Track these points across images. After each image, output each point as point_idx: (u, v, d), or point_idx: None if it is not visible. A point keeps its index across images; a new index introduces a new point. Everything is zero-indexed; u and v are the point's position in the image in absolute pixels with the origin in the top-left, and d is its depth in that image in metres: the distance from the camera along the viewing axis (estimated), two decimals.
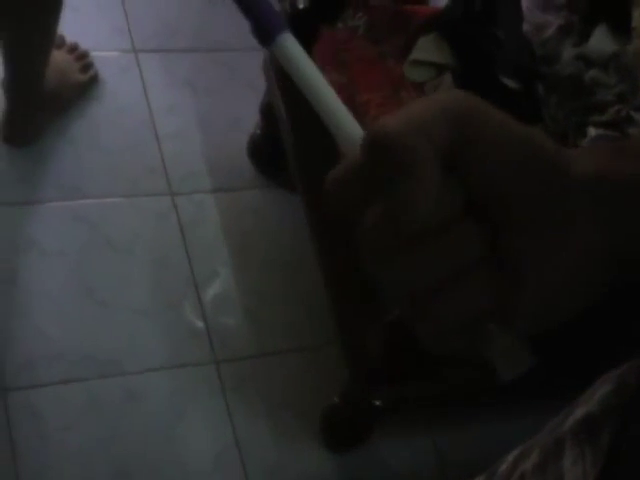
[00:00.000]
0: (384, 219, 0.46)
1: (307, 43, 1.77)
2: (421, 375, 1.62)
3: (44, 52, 1.86)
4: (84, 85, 2.05)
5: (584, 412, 0.71)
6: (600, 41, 1.52)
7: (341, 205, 0.48)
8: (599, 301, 0.51)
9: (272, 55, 1.81)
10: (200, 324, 1.81)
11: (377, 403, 1.60)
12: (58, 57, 1.99)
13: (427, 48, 1.67)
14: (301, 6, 1.78)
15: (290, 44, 0.50)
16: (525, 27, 1.62)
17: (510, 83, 1.58)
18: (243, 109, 2.07)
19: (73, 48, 2.07)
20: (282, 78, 1.84)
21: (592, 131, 1.46)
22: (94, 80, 2.07)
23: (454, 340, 0.49)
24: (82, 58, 2.07)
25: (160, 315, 1.80)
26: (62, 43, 2.05)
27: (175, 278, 1.86)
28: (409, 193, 0.45)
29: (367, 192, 0.47)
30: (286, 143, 1.82)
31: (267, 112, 1.93)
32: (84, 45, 2.07)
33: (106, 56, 2.12)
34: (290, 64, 0.50)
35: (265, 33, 0.50)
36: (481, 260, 0.47)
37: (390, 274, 0.47)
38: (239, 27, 2.24)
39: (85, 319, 1.76)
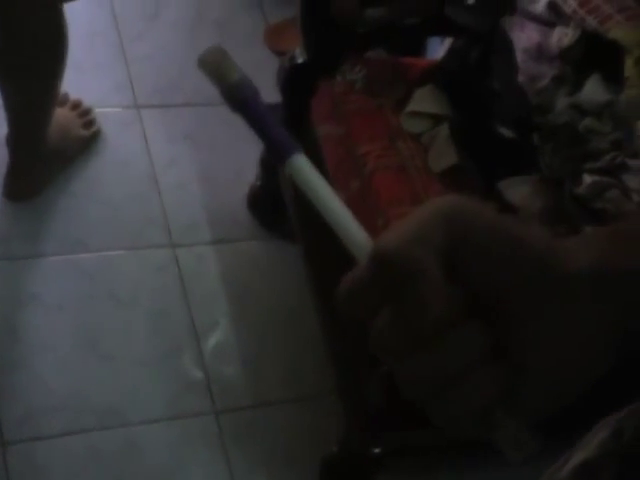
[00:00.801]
0: (397, 324, 0.49)
1: (306, 97, 1.80)
2: (420, 423, 1.62)
3: (47, 109, 1.89)
4: (87, 140, 2.08)
5: (583, 458, 0.71)
6: (593, 90, 1.54)
7: (353, 311, 0.50)
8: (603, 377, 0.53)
9: (271, 109, 1.82)
10: (200, 374, 1.81)
11: (376, 451, 1.59)
12: (61, 114, 2.02)
13: (424, 99, 1.70)
14: (299, 60, 1.80)
15: (302, 164, 0.54)
16: (520, 78, 1.65)
17: (506, 133, 1.60)
18: (243, 162, 2.09)
19: (76, 105, 2.10)
20: None
21: (587, 178, 1.48)
22: (97, 135, 2.10)
23: (465, 425, 0.51)
24: (85, 114, 2.10)
25: (161, 366, 1.81)
26: (66, 100, 2.09)
27: (176, 329, 1.86)
28: (420, 298, 0.48)
29: (377, 300, 0.49)
30: (286, 195, 1.83)
31: (267, 164, 1.96)
32: (87, 102, 2.10)
33: (109, 112, 2.15)
34: (303, 182, 0.54)
35: (279, 154, 0.54)
36: (487, 354, 0.49)
37: (402, 371, 0.50)
38: None
39: (86, 370, 1.77)
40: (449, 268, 0.49)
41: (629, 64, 1.46)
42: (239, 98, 0.54)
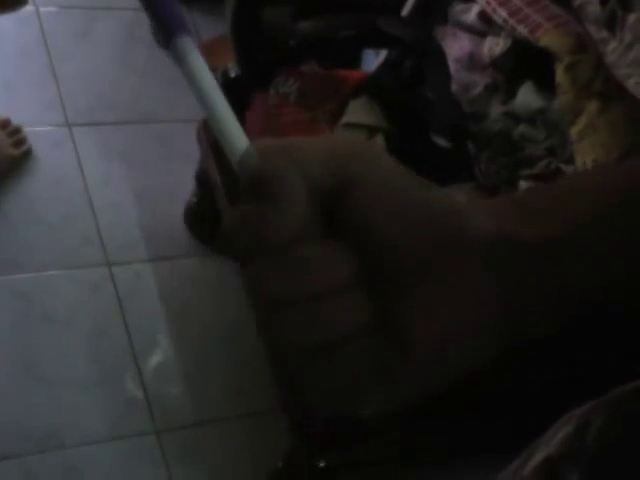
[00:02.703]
0: (248, 225, 0.45)
1: (239, 110, 1.79)
2: (365, 437, 1.61)
3: None
4: (17, 160, 2.04)
5: (544, 455, 0.69)
6: (526, 98, 1.56)
7: (237, 240, 0.46)
8: (489, 362, 0.50)
9: (205, 123, 1.80)
10: (140, 394, 1.79)
11: (321, 465, 1.58)
12: None
13: (358, 111, 1.70)
14: (232, 74, 1.80)
15: (187, 48, 0.49)
16: (453, 87, 1.66)
17: (441, 142, 1.61)
18: (178, 179, 2.08)
19: (5, 124, 2.07)
20: (215, 146, 1.86)
21: (523, 184, 1.49)
22: (27, 155, 2.07)
23: (336, 397, 0.47)
24: (15, 133, 2.06)
25: (99, 387, 1.78)
26: None
27: (114, 349, 1.83)
28: (276, 212, 0.45)
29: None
30: (222, 209, 1.82)
31: (202, 179, 1.94)
32: (17, 120, 2.07)
33: (39, 131, 2.11)
34: (186, 70, 0.49)
35: (164, 34, 0.49)
36: (369, 324, 0.46)
37: (279, 330, 0.46)
38: (171, 100, 2.27)
39: (22, 393, 1.73)
40: (327, 212, 0.46)
41: (560, 71, 1.48)
42: None
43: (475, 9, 1.69)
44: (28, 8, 2.31)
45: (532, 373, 1.50)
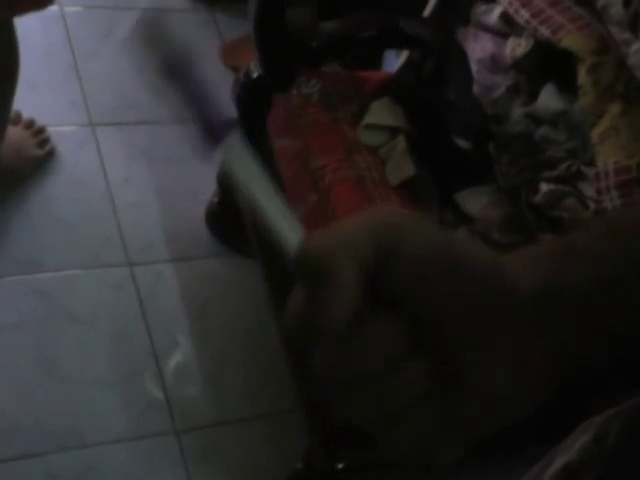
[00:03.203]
0: (303, 320, 0.48)
1: (262, 111, 1.79)
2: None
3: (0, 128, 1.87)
4: (41, 159, 2.05)
5: (564, 462, 0.70)
6: (548, 100, 1.55)
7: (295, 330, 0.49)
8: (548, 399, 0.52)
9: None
10: (160, 394, 1.79)
11: (340, 466, 1.58)
12: (14, 133, 2.00)
13: (380, 112, 1.69)
14: (254, 75, 1.80)
15: (239, 151, 0.52)
16: (475, 89, 1.65)
17: (462, 143, 1.60)
18: (200, 179, 2.08)
19: (30, 124, 2.08)
20: None
21: (544, 187, 1.48)
22: (51, 154, 2.08)
23: (408, 450, 0.50)
24: (39, 133, 2.07)
25: (120, 386, 1.78)
26: (19, 119, 2.06)
27: (135, 349, 1.84)
28: (328, 300, 0.47)
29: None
30: (243, 210, 1.82)
31: (224, 181, 1.94)
32: (41, 121, 2.08)
33: (63, 131, 2.12)
34: (238, 173, 0.52)
35: (214, 138, 0.52)
36: (428, 388, 0.48)
37: (352, 409, 0.49)
38: None
39: (44, 392, 1.74)
40: (377, 281, 0.48)
41: (582, 73, 1.47)
42: (174, 70, 0.51)
43: (497, 10, 1.68)
44: (52, 8, 2.32)
45: None
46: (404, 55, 1.85)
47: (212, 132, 0.51)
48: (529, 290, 0.49)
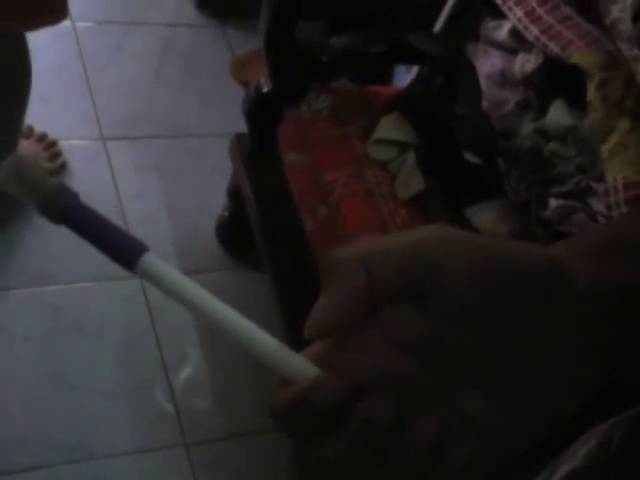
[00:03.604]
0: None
1: (272, 125, 1.80)
2: None
3: (11, 141, 1.88)
4: (52, 173, 2.06)
5: (568, 469, 0.70)
6: (557, 115, 1.55)
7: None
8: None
9: (237, 138, 1.81)
10: (169, 406, 1.80)
11: None
12: (26, 146, 2.01)
13: (390, 127, 1.70)
14: (264, 89, 1.81)
15: (156, 263, 0.49)
16: (484, 104, 1.66)
17: (472, 158, 1.61)
18: (210, 193, 2.09)
19: (42, 137, 2.09)
20: (248, 160, 1.87)
21: (553, 202, 1.48)
22: (62, 168, 2.09)
23: None
24: (50, 147, 2.09)
25: (129, 398, 1.79)
26: (30, 133, 2.08)
27: (144, 361, 1.85)
28: (325, 298, 0.47)
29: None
30: (253, 224, 1.83)
31: (234, 194, 1.95)
32: (53, 134, 2.09)
33: (75, 144, 2.14)
34: (162, 281, 0.48)
35: (125, 258, 0.48)
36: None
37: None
38: (204, 114, 2.29)
39: (53, 404, 1.74)
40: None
41: (591, 88, 1.47)
42: (59, 207, 0.46)
43: (507, 26, 1.69)
44: (65, 23, 2.34)
45: None
46: (414, 70, 1.86)
47: (123, 255, 0.48)
48: (577, 294, 0.48)
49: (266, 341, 0.49)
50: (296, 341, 0.50)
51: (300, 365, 0.47)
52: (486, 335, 0.46)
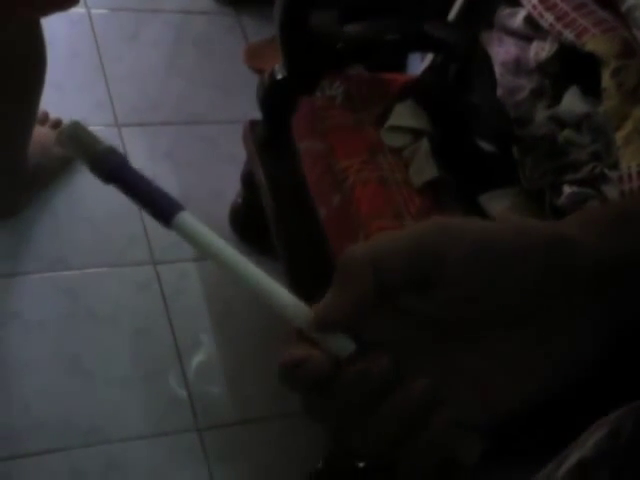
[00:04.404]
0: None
1: (286, 113, 1.81)
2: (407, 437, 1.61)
3: (27, 128, 1.89)
4: (67, 159, 2.07)
5: (578, 458, 0.70)
6: (572, 102, 1.56)
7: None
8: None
9: (251, 125, 1.81)
10: (183, 392, 1.81)
11: (361, 465, 1.59)
12: (41, 133, 2.02)
13: (404, 114, 1.70)
14: (279, 77, 1.81)
15: (190, 221, 0.53)
16: (498, 92, 1.66)
17: (486, 146, 1.61)
18: (224, 180, 2.10)
19: (57, 124, 2.10)
20: (261, 147, 1.87)
21: (567, 189, 1.48)
22: None
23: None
24: None
25: (143, 384, 1.80)
26: (45, 119, 2.08)
27: (158, 347, 1.86)
28: (333, 296, 0.50)
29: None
30: (267, 211, 1.84)
31: (248, 181, 1.96)
32: (67, 121, 2.09)
33: None
34: (194, 239, 0.53)
35: (163, 216, 0.53)
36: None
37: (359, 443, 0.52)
38: (218, 101, 2.29)
39: (67, 388, 1.76)
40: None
41: (606, 76, 1.47)
42: (108, 168, 0.53)
43: (521, 14, 1.69)
44: (80, 10, 2.35)
45: None
46: (428, 58, 1.86)
47: (163, 214, 0.53)
48: (591, 266, 0.49)
49: (287, 298, 0.54)
50: None
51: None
52: (486, 313, 0.49)
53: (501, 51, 1.71)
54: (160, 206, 0.53)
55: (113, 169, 0.53)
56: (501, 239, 0.49)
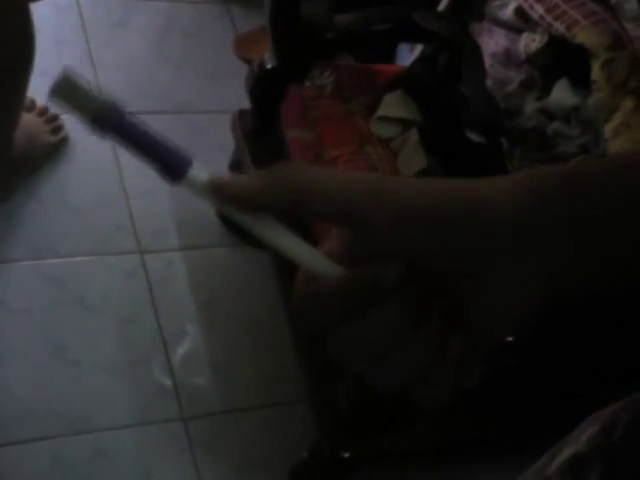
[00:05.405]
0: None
1: (275, 102, 1.80)
2: (392, 429, 1.61)
3: (13, 114, 1.87)
4: (54, 147, 2.06)
5: (571, 452, 0.70)
6: (561, 94, 1.56)
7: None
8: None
9: (240, 114, 1.81)
10: (168, 381, 1.80)
11: (346, 456, 1.59)
12: (28, 120, 2.01)
13: (393, 105, 1.70)
14: (269, 66, 1.80)
15: (204, 175, 0.54)
16: (488, 83, 1.66)
17: (475, 137, 1.61)
18: (211, 169, 2.08)
19: (43, 111, 2.09)
20: (250, 137, 1.87)
21: None
22: (64, 142, 2.08)
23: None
24: (52, 121, 2.08)
25: (128, 372, 1.79)
26: (32, 106, 2.07)
27: (143, 336, 1.85)
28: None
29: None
30: None
31: (236, 170, 1.95)
32: (54, 108, 2.09)
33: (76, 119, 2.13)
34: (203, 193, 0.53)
35: (175, 170, 0.52)
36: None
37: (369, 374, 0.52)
38: (206, 90, 2.28)
39: (53, 377, 1.75)
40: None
41: (596, 68, 1.48)
42: (109, 125, 0.50)
43: (512, 5, 1.68)
44: None
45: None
46: (418, 49, 1.85)
47: (170, 169, 0.52)
48: (509, 212, 0.50)
49: (294, 242, 0.52)
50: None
51: (327, 262, 0.51)
52: (428, 272, 0.51)
53: (491, 42, 1.70)
54: (168, 162, 0.51)
55: (115, 125, 0.50)
56: (422, 204, 0.50)
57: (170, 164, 0.51)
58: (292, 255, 0.52)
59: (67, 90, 0.49)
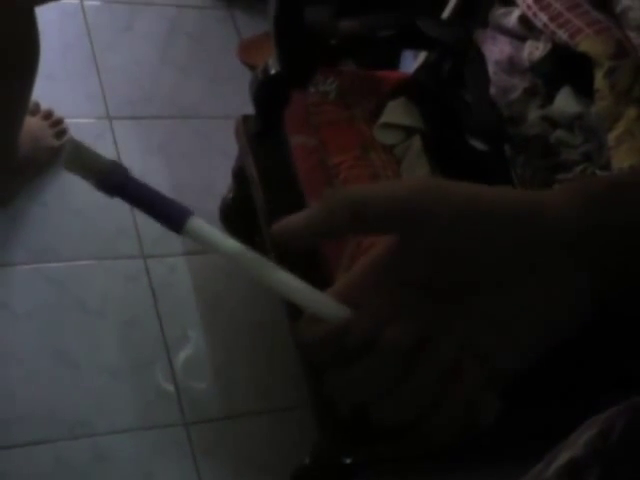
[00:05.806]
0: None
1: (279, 108, 1.80)
2: (393, 434, 1.61)
3: (18, 118, 1.88)
4: (58, 150, 2.06)
5: (569, 457, 0.70)
6: (564, 103, 1.56)
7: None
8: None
9: (244, 120, 1.80)
10: (170, 386, 1.80)
11: (348, 461, 1.58)
12: (32, 123, 2.01)
13: (396, 111, 1.70)
14: (273, 71, 1.80)
15: (201, 225, 0.56)
16: (492, 90, 1.66)
17: (478, 145, 1.61)
18: (215, 174, 2.09)
19: (48, 115, 2.09)
20: (253, 142, 1.87)
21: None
22: None
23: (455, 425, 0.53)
24: (56, 124, 2.09)
25: (130, 377, 1.79)
26: (37, 109, 2.08)
27: (146, 340, 1.85)
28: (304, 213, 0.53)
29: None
30: (258, 206, 1.83)
31: (239, 176, 1.95)
32: (59, 112, 2.09)
33: (81, 123, 2.14)
34: (207, 241, 0.56)
35: (174, 222, 0.55)
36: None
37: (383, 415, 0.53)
38: (211, 95, 2.29)
39: (55, 380, 1.75)
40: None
41: (599, 76, 1.48)
42: (113, 184, 0.54)
43: (516, 13, 1.69)
44: (73, 1, 2.35)
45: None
46: (422, 56, 1.86)
47: (172, 221, 0.55)
48: (568, 225, 0.50)
49: (300, 286, 0.54)
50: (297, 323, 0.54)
51: (332, 305, 0.52)
52: (471, 275, 0.51)
53: (495, 50, 1.71)
54: (169, 214, 0.54)
55: (118, 184, 0.54)
56: (487, 204, 0.51)
57: (170, 217, 0.55)
58: (297, 300, 0.53)
59: (75, 156, 0.54)
